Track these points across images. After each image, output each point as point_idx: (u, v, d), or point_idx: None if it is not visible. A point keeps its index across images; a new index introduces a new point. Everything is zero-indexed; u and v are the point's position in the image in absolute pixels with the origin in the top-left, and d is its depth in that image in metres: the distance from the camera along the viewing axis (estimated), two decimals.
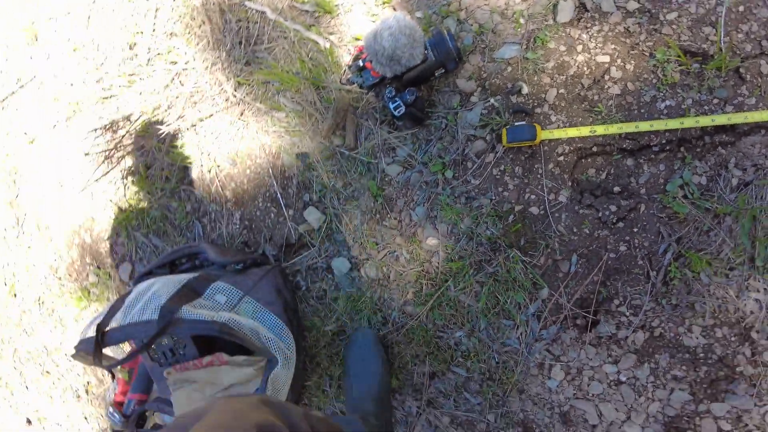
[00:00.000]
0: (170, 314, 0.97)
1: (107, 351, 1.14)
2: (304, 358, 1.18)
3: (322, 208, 1.18)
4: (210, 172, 1.27)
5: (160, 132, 1.32)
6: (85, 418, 1.49)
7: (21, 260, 1.56)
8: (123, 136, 1.37)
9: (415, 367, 1.12)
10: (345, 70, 1.17)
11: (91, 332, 1.08)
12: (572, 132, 0.99)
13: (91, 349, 1.02)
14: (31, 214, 1.55)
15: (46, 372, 1.53)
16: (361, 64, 0.99)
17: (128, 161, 1.37)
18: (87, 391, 1.48)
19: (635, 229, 0.98)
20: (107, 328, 1.02)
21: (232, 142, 1.25)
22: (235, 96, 1.25)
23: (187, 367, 1.06)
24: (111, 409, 1.13)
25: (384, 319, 1.14)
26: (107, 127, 1.40)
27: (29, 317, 1.54)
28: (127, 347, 1.36)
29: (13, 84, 1.64)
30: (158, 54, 1.37)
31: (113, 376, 1.20)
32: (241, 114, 1.25)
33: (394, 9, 1.15)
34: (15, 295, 1.57)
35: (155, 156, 1.33)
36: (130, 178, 1.36)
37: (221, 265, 1.16)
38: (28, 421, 1.56)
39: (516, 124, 1.00)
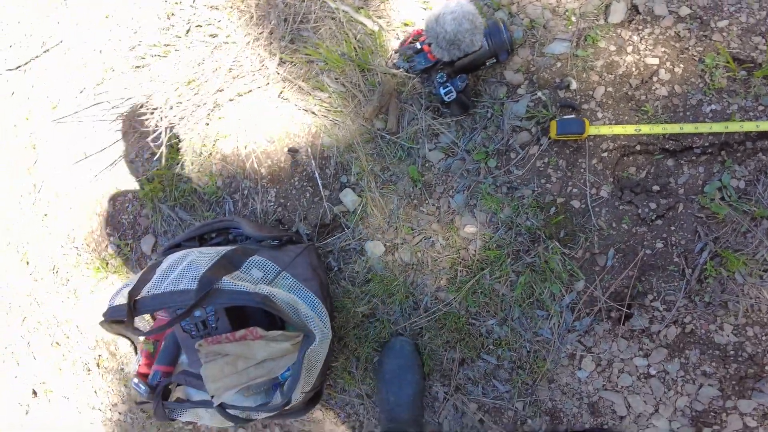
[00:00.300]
0: (210, 284, 0.96)
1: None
2: (332, 338, 1.18)
3: (359, 191, 1.18)
4: (246, 148, 1.26)
5: (195, 105, 1.31)
6: (95, 392, 1.46)
7: (36, 228, 1.52)
8: (155, 107, 1.35)
9: (444, 353, 1.13)
10: (391, 54, 1.17)
11: (119, 300, 1.07)
12: (618, 129, 1.01)
13: (122, 317, 1.01)
14: (49, 181, 1.52)
15: (56, 343, 1.50)
16: (419, 46, 1.00)
17: (160, 132, 1.35)
18: (98, 365, 1.46)
19: (673, 228, 1.01)
20: (139, 297, 1.01)
21: (271, 120, 1.25)
22: (277, 73, 1.24)
23: (220, 341, 1.06)
24: (136, 380, 1.11)
25: (415, 304, 1.14)
26: (138, 96, 1.38)
27: (41, 286, 1.51)
28: (148, 320, 1.34)
29: (37, 48, 1.61)
30: (197, 26, 1.35)
31: (136, 348, 1.18)
32: (282, 91, 1.25)
33: None
34: (27, 263, 1.53)
35: (188, 129, 1.32)
36: (160, 150, 1.34)
37: (257, 240, 1.15)
38: (34, 393, 1.52)
39: (565, 117, 1.02)
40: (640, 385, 1.03)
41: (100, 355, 1.46)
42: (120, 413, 1.44)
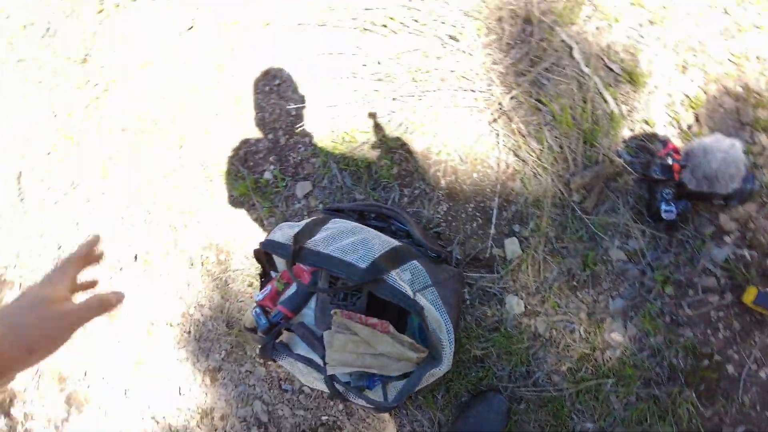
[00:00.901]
0: (380, 272, 1.01)
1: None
2: None
3: (524, 246, 1.21)
4: (438, 155, 1.30)
5: (409, 92, 1.35)
6: (188, 285, 1.55)
7: (203, 123, 1.60)
8: (366, 75, 1.40)
9: (531, 429, 1.15)
10: (619, 141, 1.18)
11: (280, 237, 1.13)
12: None
13: (280, 254, 1.08)
14: (236, 86, 1.59)
15: (173, 227, 1.59)
16: (670, 162, 1.01)
17: (368, 103, 1.40)
18: (202, 264, 1.54)
19: None
20: (304, 246, 1.08)
21: (472, 141, 1.28)
22: (500, 104, 1.27)
23: (353, 318, 1.11)
24: (258, 310, 1.17)
25: (527, 372, 1.17)
26: (356, 57, 1.43)
27: (182, 173, 1.60)
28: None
29: None
30: (442, 22, 1.39)
31: (262, 283, 1.25)
32: (494, 121, 1.27)
33: (696, 118, 1.15)
34: (180, 147, 1.62)
35: (395, 108, 1.36)
36: (367, 119, 1.39)
37: (416, 244, 1.20)
38: (135, 258, 1.62)
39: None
40: None
41: (207, 257, 1.54)
42: (202, 315, 1.52)
